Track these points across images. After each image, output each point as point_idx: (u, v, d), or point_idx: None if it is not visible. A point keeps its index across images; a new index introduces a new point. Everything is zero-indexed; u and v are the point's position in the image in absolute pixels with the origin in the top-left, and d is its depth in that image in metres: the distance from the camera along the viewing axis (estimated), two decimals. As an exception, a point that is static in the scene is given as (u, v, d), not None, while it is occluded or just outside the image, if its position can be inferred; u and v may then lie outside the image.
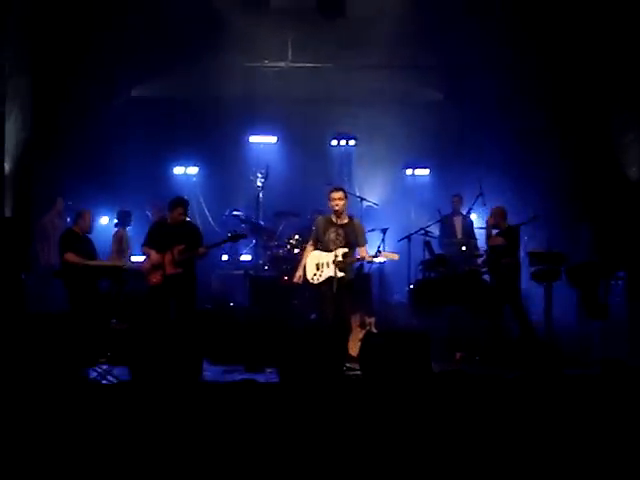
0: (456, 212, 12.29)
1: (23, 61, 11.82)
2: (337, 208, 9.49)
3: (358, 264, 10.30)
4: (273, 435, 6.10)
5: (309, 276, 9.54)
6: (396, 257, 9.82)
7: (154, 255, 9.93)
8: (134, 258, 11.69)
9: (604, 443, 6.02)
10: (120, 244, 11.74)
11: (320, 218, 9.81)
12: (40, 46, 11.99)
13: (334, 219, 9.57)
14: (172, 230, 9.96)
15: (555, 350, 10.20)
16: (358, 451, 5.82)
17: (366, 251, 9.54)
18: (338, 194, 9.55)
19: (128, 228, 12.04)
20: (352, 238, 9.47)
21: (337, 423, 6.43)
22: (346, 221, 9.57)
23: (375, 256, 9.57)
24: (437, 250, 11.93)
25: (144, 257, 10.27)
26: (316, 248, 9.59)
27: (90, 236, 10.54)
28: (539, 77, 12.86)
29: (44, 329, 8.56)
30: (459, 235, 12.18)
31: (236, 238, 10.21)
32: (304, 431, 6.22)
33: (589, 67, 12.41)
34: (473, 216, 12.53)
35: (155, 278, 9.84)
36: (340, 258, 9.32)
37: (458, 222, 12.26)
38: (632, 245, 11.67)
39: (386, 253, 9.74)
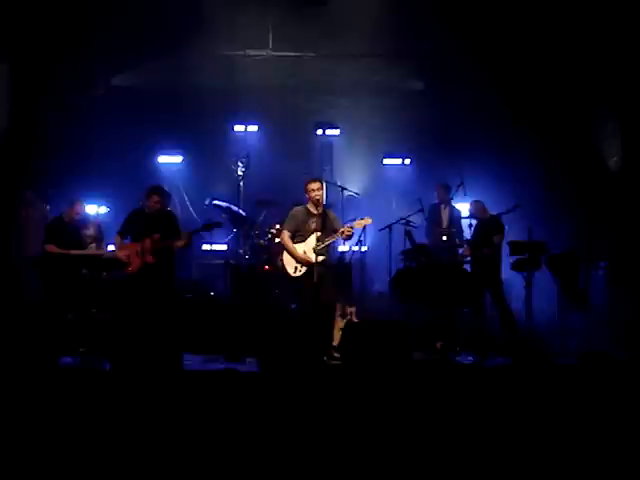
0: (443, 202, 12.22)
1: (1, 51, 11.74)
2: (318, 198, 9.49)
3: (339, 253, 10.30)
4: (254, 424, 6.09)
5: (290, 271, 9.51)
6: (369, 221, 9.73)
7: (120, 244, 9.91)
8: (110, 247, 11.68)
9: (584, 432, 6.06)
10: None
11: (299, 209, 9.75)
12: (18, 36, 11.90)
13: (312, 209, 9.56)
14: (148, 219, 9.90)
15: (535, 339, 10.27)
16: (339, 440, 5.82)
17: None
18: (318, 184, 9.56)
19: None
20: (329, 226, 9.48)
21: (317, 412, 6.44)
22: (322, 210, 9.58)
23: (351, 228, 9.46)
24: (424, 239, 11.93)
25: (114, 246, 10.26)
26: (293, 239, 9.55)
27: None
28: (519, 68, 12.89)
29: (23, 319, 8.56)
30: (445, 225, 12.14)
31: (210, 227, 10.10)
32: (285, 420, 6.23)
33: (569, 59, 12.47)
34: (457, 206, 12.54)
35: (131, 267, 9.78)
36: (316, 243, 9.32)
37: (445, 212, 12.21)
38: (613, 235, 11.75)
39: (358, 222, 9.61)
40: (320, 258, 9.33)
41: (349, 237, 9.52)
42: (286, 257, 9.55)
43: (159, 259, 9.71)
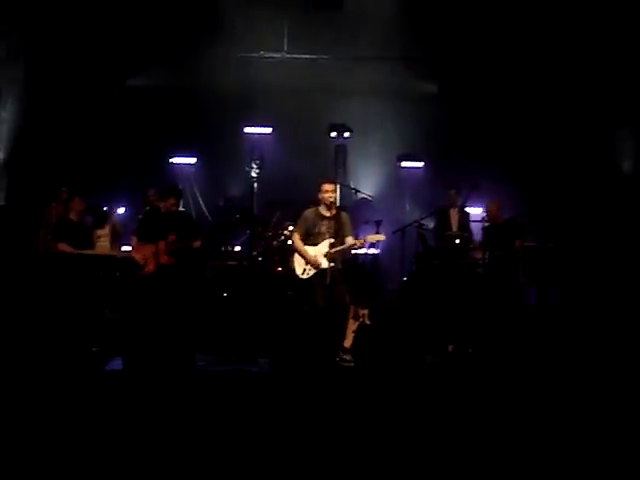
0: (452, 205, 12.21)
1: (17, 51, 11.81)
2: (331, 200, 9.43)
3: (350, 255, 10.30)
4: (265, 425, 6.11)
5: (299, 272, 9.42)
6: (382, 237, 9.71)
7: (136, 245, 9.94)
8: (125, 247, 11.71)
9: (599, 435, 6.06)
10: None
11: (309, 211, 9.66)
12: (35, 36, 11.97)
13: (324, 212, 9.48)
14: (164, 220, 9.92)
15: (546, 342, 10.25)
16: (350, 441, 5.84)
17: (352, 239, 9.43)
18: (330, 186, 9.47)
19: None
20: (341, 230, 9.42)
21: (330, 414, 6.46)
22: (335, 213, 9.51)
23: (363, 241, 9.43)
24: (433, 243, 11.93)
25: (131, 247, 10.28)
26: (304, 241, 9.50)
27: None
28: (534, 72, 12.89)
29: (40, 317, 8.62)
30: (454, 228, 12.13)
31: (224, 228, 10.14)
32: (296, 422, 6.24)
33: (583, 62, 12.45)
34: (470, 210, 12.53)
35: (147, 268, 9.81)
36: (328, 249, 9.28)
37: (454, 215, 12.18)
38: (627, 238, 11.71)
39: (370, 237, 9.58)
40: (331, 264, 9.28)
41: (361, 247, 9.52)
42: (296, 259, 9.49)
43: (177, 259, 9.74)
